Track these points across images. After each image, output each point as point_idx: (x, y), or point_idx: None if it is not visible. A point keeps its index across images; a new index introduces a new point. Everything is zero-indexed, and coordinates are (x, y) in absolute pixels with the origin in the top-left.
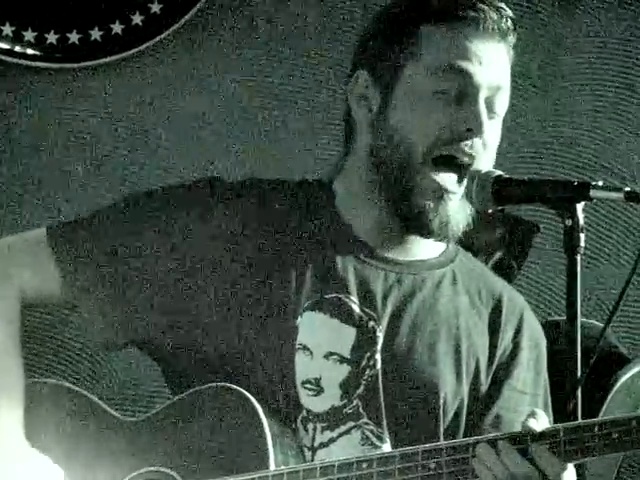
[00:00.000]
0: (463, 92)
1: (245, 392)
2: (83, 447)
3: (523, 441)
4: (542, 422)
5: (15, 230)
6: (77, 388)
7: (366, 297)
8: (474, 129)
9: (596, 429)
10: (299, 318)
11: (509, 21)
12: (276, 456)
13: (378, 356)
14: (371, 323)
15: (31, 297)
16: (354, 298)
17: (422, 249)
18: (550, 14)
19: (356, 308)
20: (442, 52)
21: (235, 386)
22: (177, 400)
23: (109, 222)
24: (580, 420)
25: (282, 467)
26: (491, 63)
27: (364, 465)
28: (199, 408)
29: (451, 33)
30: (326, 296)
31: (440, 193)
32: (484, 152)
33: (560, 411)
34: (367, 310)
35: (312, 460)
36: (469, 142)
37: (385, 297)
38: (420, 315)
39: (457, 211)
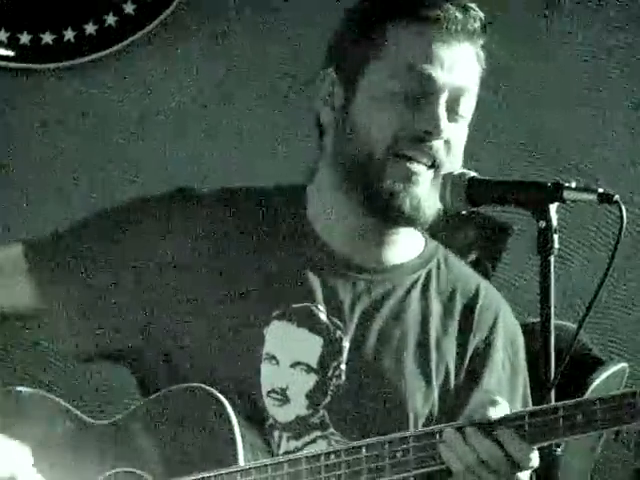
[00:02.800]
0: (423, 94)
1: (215, 392)
2: (54, 451)
3: (489, 427)
4: (501, 410)
5: None
6: (48, 394)
7: (334, 306)
8: (432, 132)
9: (560, 412)
10: (266, 327)
11: (477, 22)
12: (246, 455)
13: (344, 366)
14: (338, 332)
15: (5, 310)
16: (321, 307)
17: (397, 253)
18: (528, 17)
19: (323, 317)
20: (405, 53)
21: (205, 386)
22: (148, 401)
23: (82, 236)
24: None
25: (250, 463)
26: (455, 66)
27: (332, 457)
28: (169, 408)
29: (415, 33)
30: (294, 305)
31: (408, 175)
32: (448, 154)
33: None
34: (334, 319)
35: None
36: (429, 144)
37: (353, 306)
38: (388, 324)
39: (427, 196)
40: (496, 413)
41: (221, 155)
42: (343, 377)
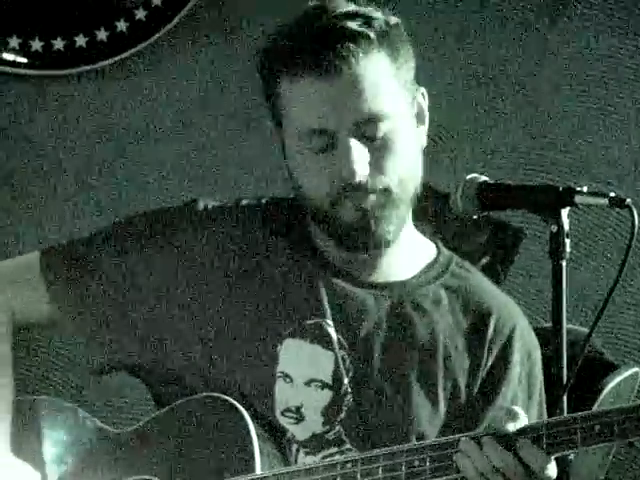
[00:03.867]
0: (332, 143)
1: (233, 401)
2: (71, 460)
3: (506, 437)
4: (520, 423)
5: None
6: (64, 402)
7: (341, 322)
8: (347, 178)
9: (578, 422)
10: (279, 345)
11: (364, 42)
12: (263, 465)
13: (352, 383)
14: (345, 349)
15: (21, 320)
16: (330, 322)
17: (403, 267)
18: (535, 19)
19: (333, 333)
20: (299, 113)
21: (225, 396)
22: (166, 410)
23: (96, 247)
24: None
25: (267, 471)
26: (351, 101)
27: (348, 465)
28: (187, 417)
29: (302, 90)
30: (306, 322)
31: (358, 208)
32: (387, 172)
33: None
34: (342, 335)
35: None
36: (359, 184)
37: (360, 322)
38: (393, 340)
39: (387, 215)
40: (515, 425)
41: (232, 159)
42: (354, 393)
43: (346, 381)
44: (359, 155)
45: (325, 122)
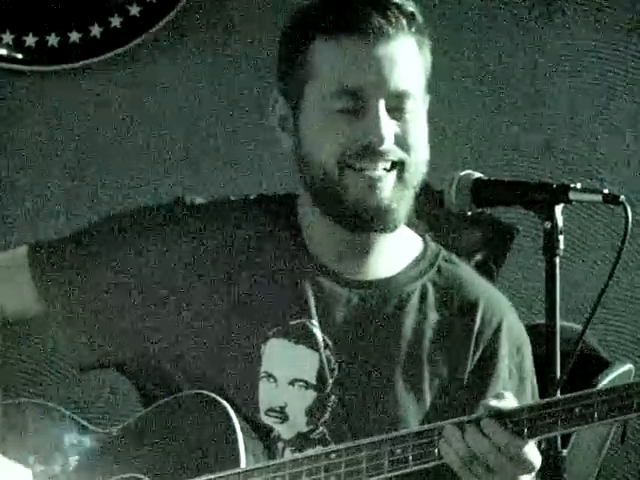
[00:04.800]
0: (360, 107)
1: (218, 398)
2: (59, 461)
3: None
4: (504, 403)
5: None
6: (50, 403)
7: (327, 321)
8: (374, 142)
9: (559, 405)
10: (263, 346)
11: (403, 20)
12: (248, 460)
13: (336, 382)
14: (330, 348)
15: (9, 315)
16: (315, 322)
17: (389, 263)
18: (530, 18)
19: (318, 333)
20: (334, 71)
21: (209, 393)
22: (152, 408)
23: (84, 243)
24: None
25: (251, 465)
26: (387, 70)
27: (333, 456)
28: (173, 415)
29: (341, 49)
30: (291, 322)
31: (368, 183)
32: (406, 151)
33: None
34: (327, 335)
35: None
36: (378, 151)
37: (346, 320)
38: (379, 338)
39: (393, 198)
40: (499, 404)
41: (226, 154)
42: (338, 394)
43: (331, 381)
44: (388, 124)
45: (362, 83)
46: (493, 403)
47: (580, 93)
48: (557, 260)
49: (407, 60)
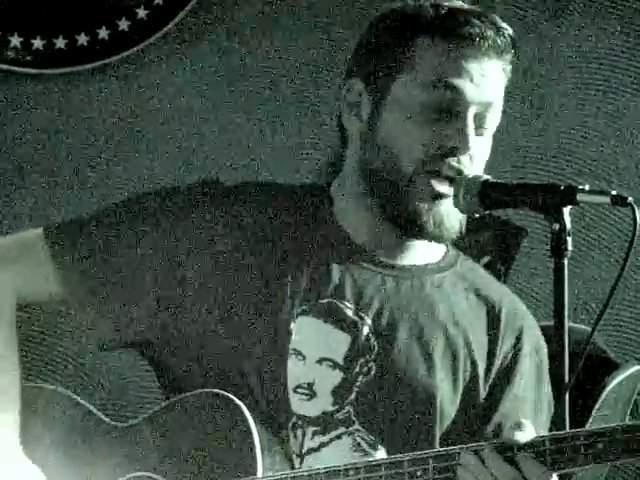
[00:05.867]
0: (452, 108)
1: (234, 398)
2: (71, 451)
3: (508, 450)
4: (527, 433)
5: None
6: (68, 392)
7: (362, 303)
8: (460, 147)
9: (582, 439)
10: (292, 323)
11: (507, 39)
12: (264, 463)
13: (372, 363)
14: (366, 329)
15: (26, 297)
16: (349, 304)
17: (421, 254)
18: (537, 19)
19: (350, 314)
20: (435, 66)
21: (224, 392)
22: (166, 406)
23: (107, 223)
24: (568, 427)
25: (269, 474)
26: (483, 81)
27: (351, 472)
28: (188, 414)
29: (446, 48)
30: (320, 301)
31: (433, 195)
32: (471, 166)
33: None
34: (362, 316)
35: (300, 467)
36: (455, 158)
37: (382, 303)
38: (418, 321)
39: (450, 213)
40: (522, 437)
41: (234, 155)
42: (371, 374)
43: (361, 361)
44: (473, 131)
45: (461, 84)
46: (517, 436)
47: (588, 96)
48: (565, 262)
49: (498, 78)
